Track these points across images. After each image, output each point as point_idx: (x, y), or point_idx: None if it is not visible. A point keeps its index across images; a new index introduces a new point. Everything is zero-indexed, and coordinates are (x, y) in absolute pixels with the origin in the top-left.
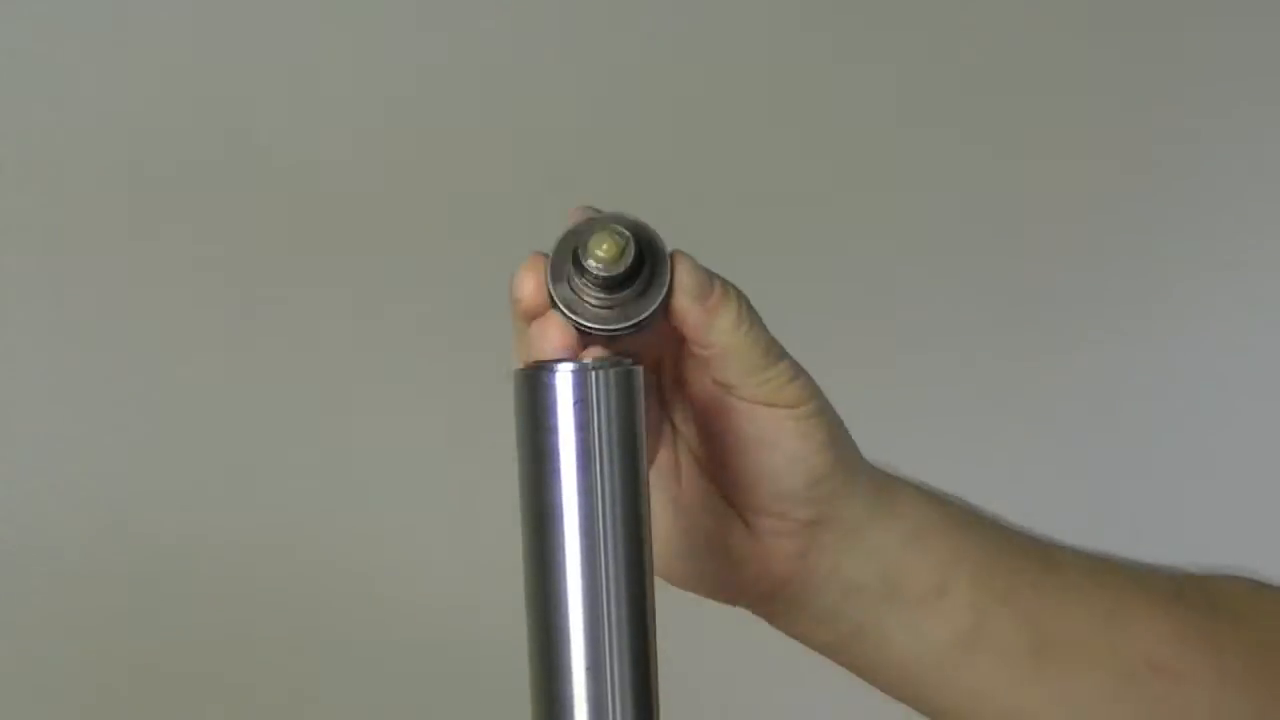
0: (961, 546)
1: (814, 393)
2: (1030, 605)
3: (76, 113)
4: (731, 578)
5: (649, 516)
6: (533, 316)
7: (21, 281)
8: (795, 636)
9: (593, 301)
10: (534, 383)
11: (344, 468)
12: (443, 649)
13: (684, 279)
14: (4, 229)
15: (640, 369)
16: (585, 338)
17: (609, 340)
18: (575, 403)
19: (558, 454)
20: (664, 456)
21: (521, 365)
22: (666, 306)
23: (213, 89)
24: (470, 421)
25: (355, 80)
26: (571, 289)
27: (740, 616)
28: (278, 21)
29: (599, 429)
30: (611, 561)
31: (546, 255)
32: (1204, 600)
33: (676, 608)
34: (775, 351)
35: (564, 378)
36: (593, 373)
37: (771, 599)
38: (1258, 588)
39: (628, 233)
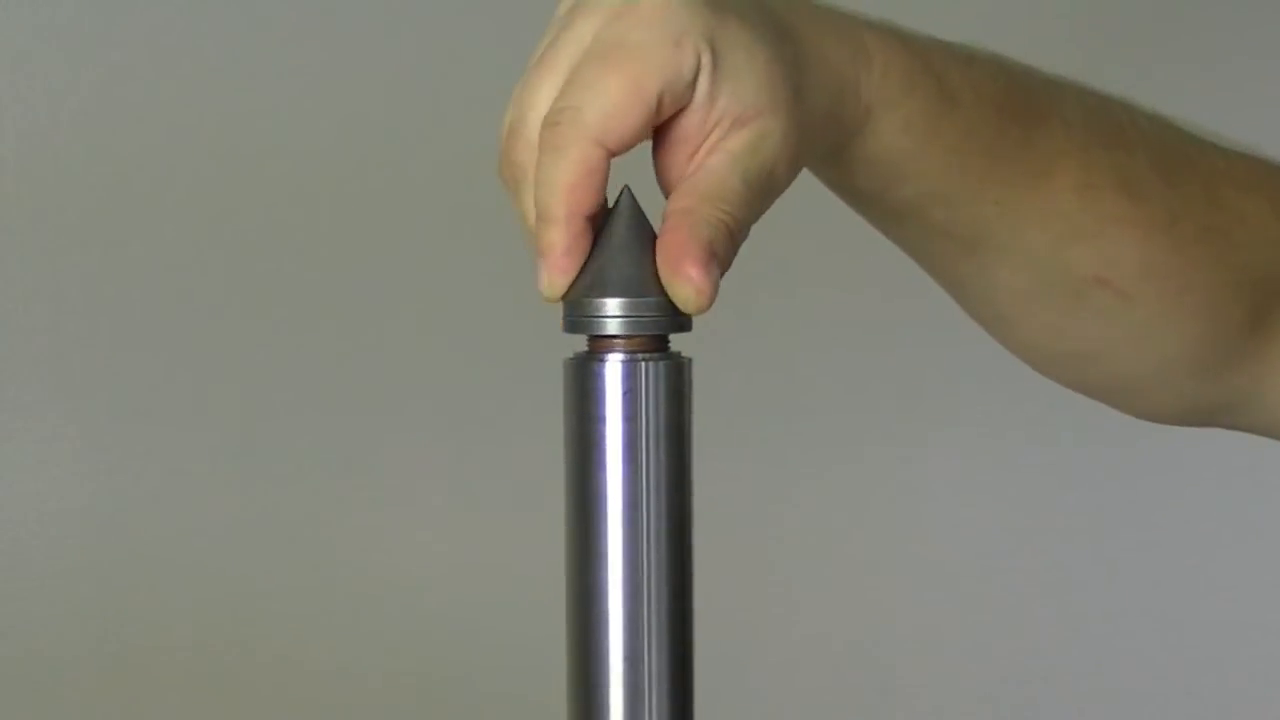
0: (926, 170)
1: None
2: (983, 217)
3: (78, 113)
4: None
5: (692, 508)
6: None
7: (21, 282)
8: None
9: None
10: (583, 372)
11: (344, 469)
12: (445, 653)
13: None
14: (4, 229)
15: (690, 361)
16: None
17: None
18: (624, 393)
19: (604, 443)
20: None
21: (571, 356)
22: None
23: (220, 89)
24: (474, 424)
25: (364, 79)
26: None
27: (779, 610)
28: (280, 22)
29: (646, 420)
30: (654, 553)
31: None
32: (1202, 228)
33: (717, 600)
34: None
35: (613, 368)
36: (642, 363)
37: None
38: None
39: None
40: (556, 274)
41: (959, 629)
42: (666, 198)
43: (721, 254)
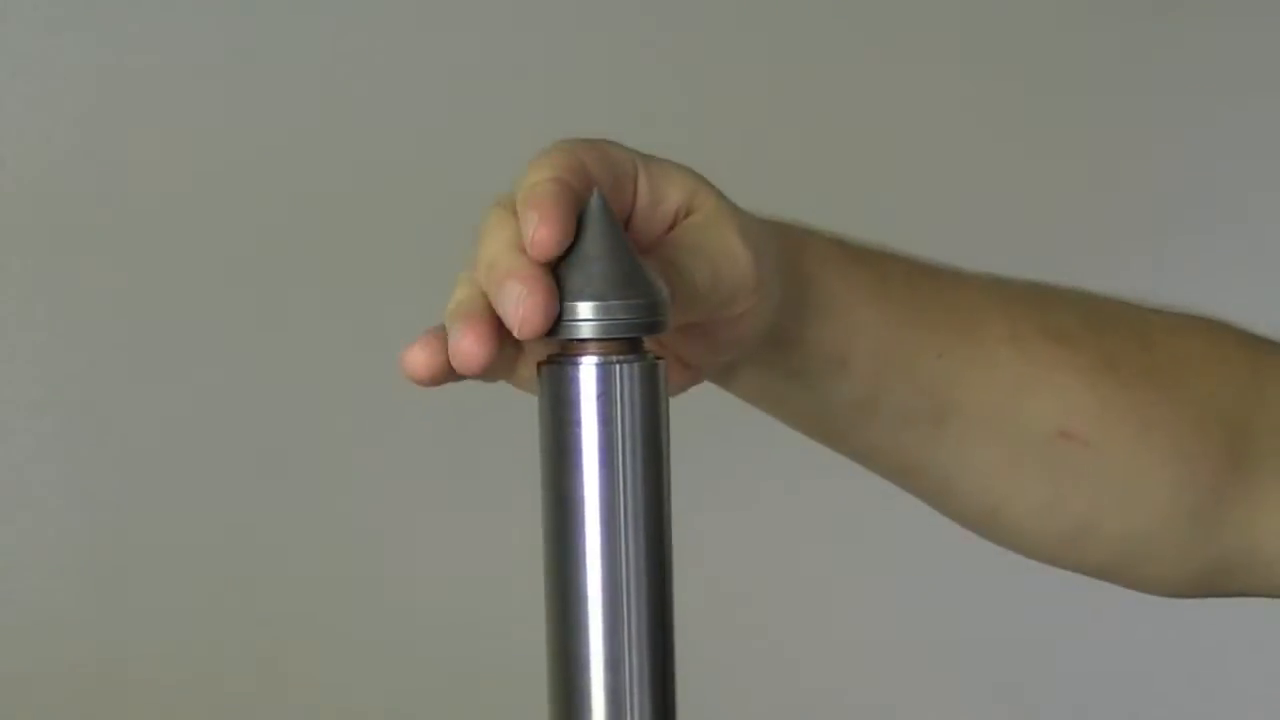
0: (865, 319)
1: (705, 190)
2: (933, 375)
3: (76, 112)
4: None
5: (670, 511)
6: None
7: (21, 283)
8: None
9: None
10: (557, 376)
11: (342, 469)
12: (442, 652)
13: None
14: (4, 230)
15: (664, 362)
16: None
17: None
18: (598, 396)
19: (580, 448)
20: None
21: (545, 358)
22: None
23: (216, 89)
24: (469, 425)
25: (360, 81)
26: None
27: (759, 613)
28: (278, 24)
29: (622, 423)
30: (632, 556)
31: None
32: (1142, 368)
33: (697, 603)
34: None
35: (588, 371)
36: (617, 366)
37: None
38: (1216, 344)
39: None
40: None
41: (946, 632)
42: None
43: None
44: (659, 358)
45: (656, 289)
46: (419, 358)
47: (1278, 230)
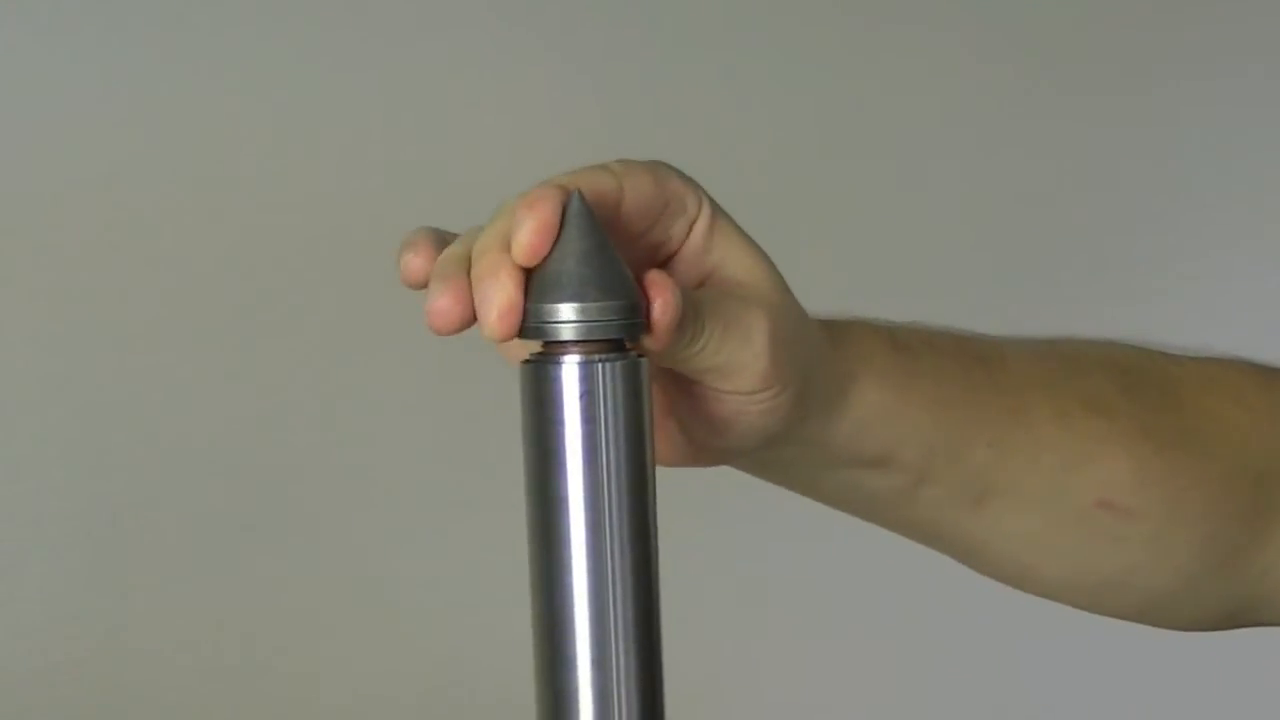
0: (918, 422)
1: (771, 276)
2: (980, 463)
3: (74, 114)
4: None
5: (655, 509)
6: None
7: (20, 283)
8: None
9: None
10: (539, 375)
11: (332, 467)
12: (427, 652)
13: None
14: (4, 230)
15: (646, 360)
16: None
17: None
18: (581, 395)
19: (564, 447)
20: None
21: (528, 357)
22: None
23: (213, 89)
24: (466, 423)
25: (356, 84)
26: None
27: (748, 612)
28: (271, 24)
29: (605, 421)
30: (618, 555)
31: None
32: (1176, 432)
33: (683, 602)
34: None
35: (570, 370)
36: (599, 365)
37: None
38: (1241, 397)
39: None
40: None
41: (949, 636)
42: None
43: (689, 312)
44: (641, 355)
45: (638, 290)
46: (413, 262)
47: (1277, 229)
